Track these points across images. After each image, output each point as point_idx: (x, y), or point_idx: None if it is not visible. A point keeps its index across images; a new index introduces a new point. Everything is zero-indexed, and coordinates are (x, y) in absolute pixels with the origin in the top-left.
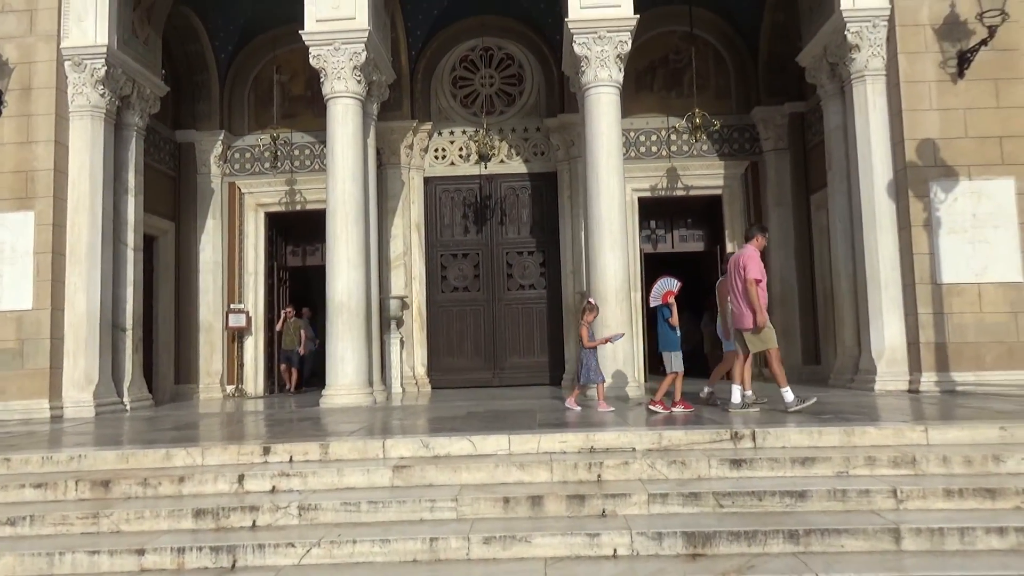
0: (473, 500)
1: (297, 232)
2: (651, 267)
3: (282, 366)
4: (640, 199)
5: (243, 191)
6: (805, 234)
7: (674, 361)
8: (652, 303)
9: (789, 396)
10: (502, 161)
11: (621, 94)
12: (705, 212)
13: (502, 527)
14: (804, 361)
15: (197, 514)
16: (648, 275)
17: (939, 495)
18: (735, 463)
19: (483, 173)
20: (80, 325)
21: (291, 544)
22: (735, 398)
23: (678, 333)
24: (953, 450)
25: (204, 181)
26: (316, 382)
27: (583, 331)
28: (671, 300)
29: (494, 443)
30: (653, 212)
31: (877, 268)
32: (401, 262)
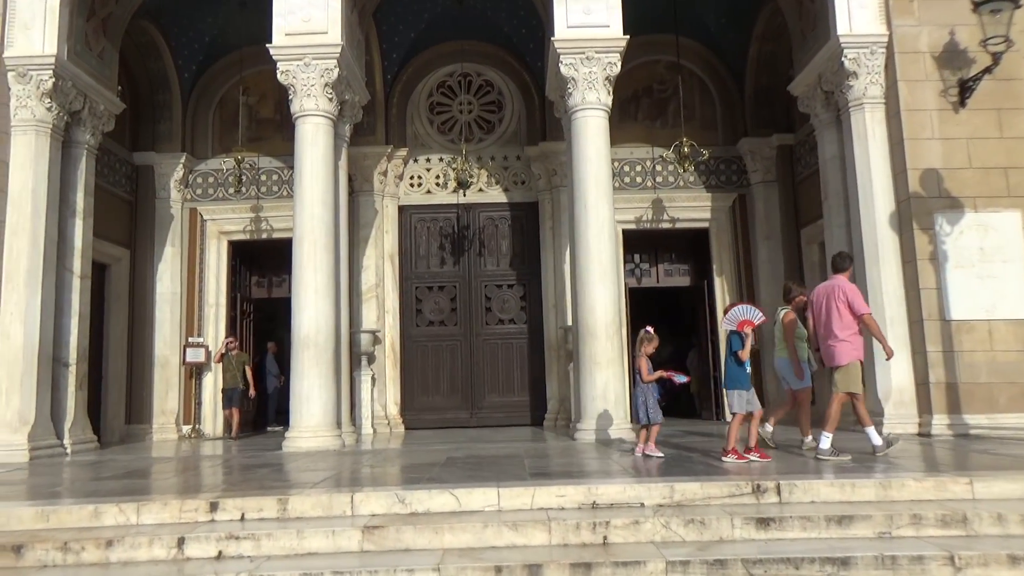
0: (459, 570)
1: (263, 262)
2: (634, 302)
3: (225, 411)
4: (624, 231)
5: (205, 218)
6: (796, 269)
7: (748, 400)
8: (726, 326)
9: (877, 439)
10: (481, 190)
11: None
12: (691, 246)
13: None
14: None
15: None
16: (632, 311)
17: (1003, 562)
18: (762, 522)
19: (461, 202)
20: (15, 359)
21: None
22: (824, 444)
23: (748, 369)
24: (1005, 506)
25: (163, 206)
26: (285, 420)
27: (642, 363)
28: (747, 330)
29: (481, 497)
30: (637, 245)
31: (882, 304)
32: (373, 294)
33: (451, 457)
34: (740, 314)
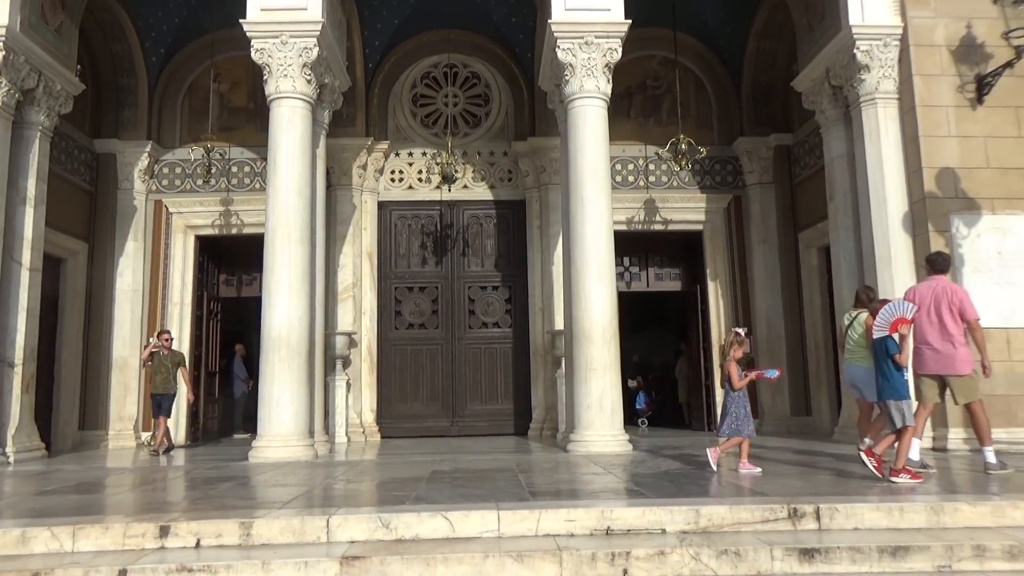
0: None
1: (232, 259)
2: (621, 308)
3: (154, 420)
4: (615, 232)
5: (171, 210)
6: (793, 274)
7: (906, 413)
8: (876, 334)
9: (992, 457)
10: (465, 187)
11: None
12: (683, 249)
13: None
14: (793, 412)
15: None
16: (621, 316)
17: None
18: (806, 553)
19: (444, 199)
20: None
21: None
22: (991, 458)
23: (907, 376)
24: None
25: (126, 197)
26: (253, 427)
27: (732, 368)
28: (902, 329)
29: (478, 521)
30: (627, 248)
31: None
32: (350, 294)
33: (436, 471)
34: (893, 313)
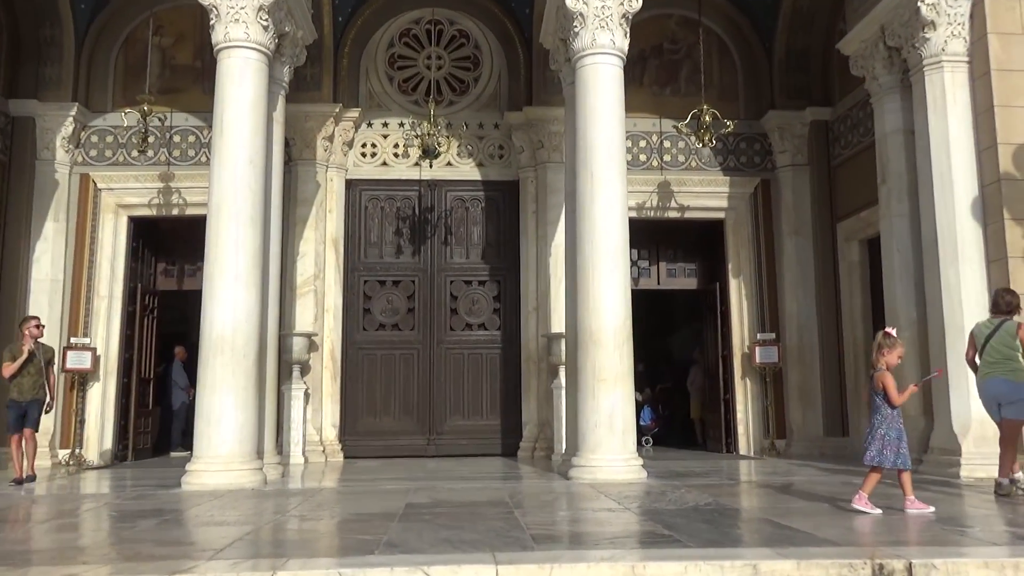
0: None
1: (173, 245)
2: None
3: (14, 436)
4: None
5: (100, 186)
6: (829, 271)
7: None
8: None
9: None
10: (449, 164)
11: None
12: (701, 241)
13: None
14: (827, 431)
15: None
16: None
17: None
18: None
19: (424, 178)
20: None
21: None
22: None
23: None
24: None
25: (46, 169)
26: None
27: (887, 381)
28: None
29: None
30: (636, 238)
31: (959, 313)
32: (311, 288)
33: (412, 503)
34: None
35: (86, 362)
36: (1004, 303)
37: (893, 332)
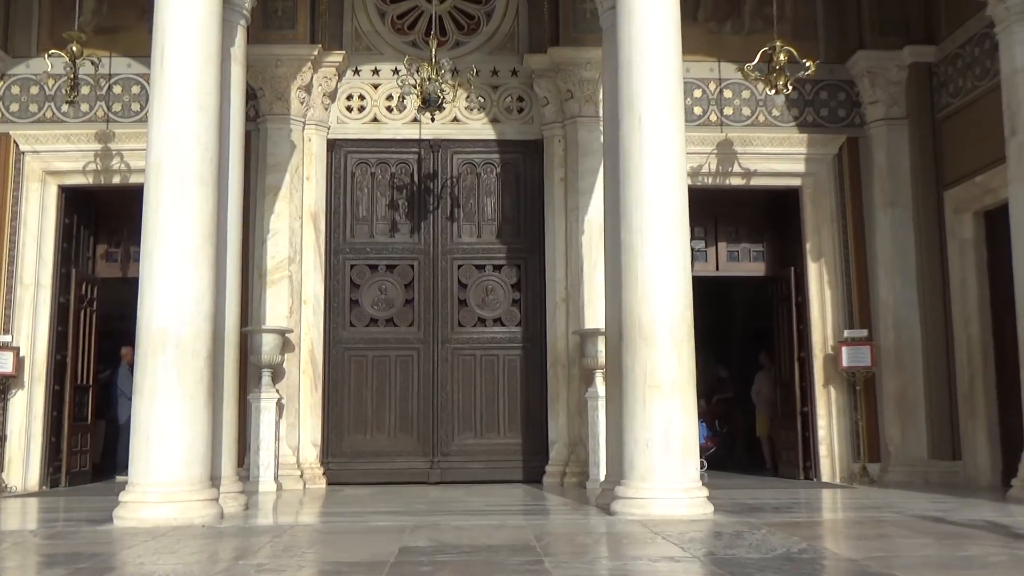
0: None
1: (115, 221)
2: None
3: None
4: None
5: (23, 148)
6: (935, 251)
7: None
8: None
9: None
10: (456, 120)
11: None
12: (771, 215)
13: None
14: (933, 453)
15: None
16: None
17: None
18: None
19: (425, 137)
20: None
21: None
22: None
23: None
24: None
25: None
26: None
27: None
28: None
29: None
30: (688, 213)
31: None
32: (284, 274)
33: (408, 548)
34: None
35: (6, 365)
36: None
37: None
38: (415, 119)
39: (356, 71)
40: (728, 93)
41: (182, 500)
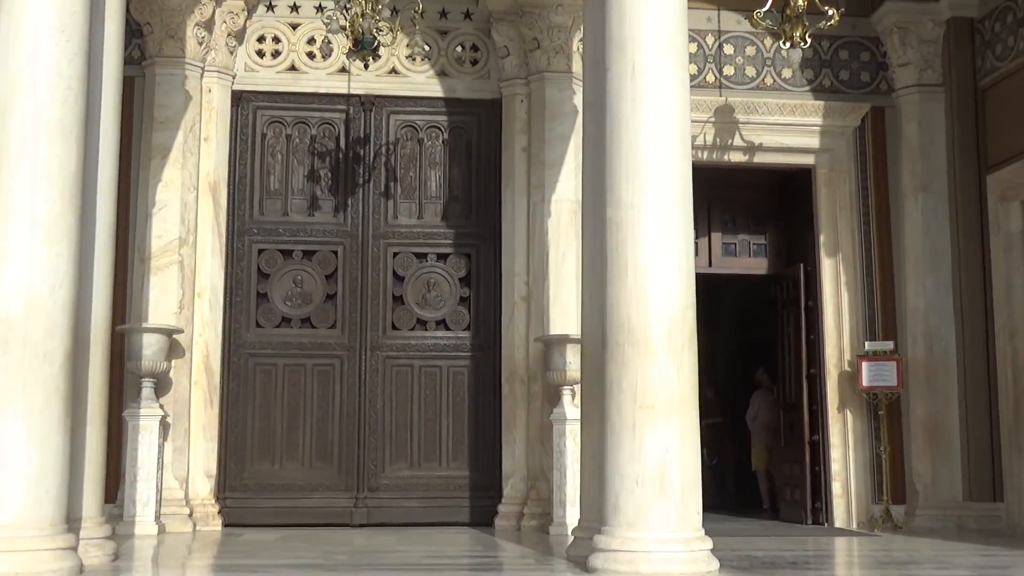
0: None
1: None
2: None
3: None
4: None
5: None
6: (975, 247)
7: None
8: None
9: None
10: (394, 71)
11: None
12: (776, 198)
13: None
14: (969, 494)
15: None
16: None
17: None
18: None
19: (355, 92)
20: None
21: None
22: None
23: None
24: None
25: None
26: None
27: None
28: None
29: None
30: None
31: None
32: (173, 258)
33: None
34: None
35: None
36: None
37: None
38: (343, 68)
39: (270, 6)
40: (729, 49)
41: (26, 549)
